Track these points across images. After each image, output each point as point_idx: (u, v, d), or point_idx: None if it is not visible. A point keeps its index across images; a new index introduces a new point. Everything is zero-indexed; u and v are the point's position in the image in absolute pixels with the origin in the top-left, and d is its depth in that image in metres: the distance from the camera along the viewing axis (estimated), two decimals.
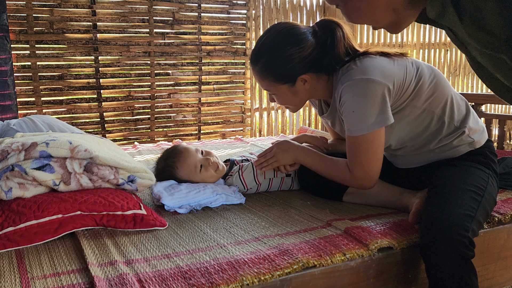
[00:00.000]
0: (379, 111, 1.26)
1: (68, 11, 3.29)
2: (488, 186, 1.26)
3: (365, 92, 1.25)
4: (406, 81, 1.30)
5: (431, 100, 1.34)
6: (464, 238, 1.08)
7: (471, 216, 1.14)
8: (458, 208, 1.14)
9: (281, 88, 1.39)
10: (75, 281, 0.94)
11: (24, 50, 3.19)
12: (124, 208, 1.21)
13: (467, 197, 1.19)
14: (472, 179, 1.26)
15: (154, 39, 3.59)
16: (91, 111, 3.50)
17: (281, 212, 1.38)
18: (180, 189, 1.45)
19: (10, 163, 1.17)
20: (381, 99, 1.25)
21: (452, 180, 1.27)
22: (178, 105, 3.81)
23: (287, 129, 4.37)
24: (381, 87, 1.25)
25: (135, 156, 2.28)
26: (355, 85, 1.26)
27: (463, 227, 1.09)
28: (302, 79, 1.36)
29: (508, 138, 4.62)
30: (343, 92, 1.29)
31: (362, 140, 1.29)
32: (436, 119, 1.36)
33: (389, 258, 1.14)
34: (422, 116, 1.35)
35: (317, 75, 1.38)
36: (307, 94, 1.43)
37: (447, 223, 1.10)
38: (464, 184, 1.24)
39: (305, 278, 1.02)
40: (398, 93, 1.30)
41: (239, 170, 1.56)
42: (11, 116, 2.89)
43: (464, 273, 1.07)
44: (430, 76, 1.34)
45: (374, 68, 1.27)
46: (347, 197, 1.46)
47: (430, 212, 1.17)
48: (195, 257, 1.05)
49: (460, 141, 1.36)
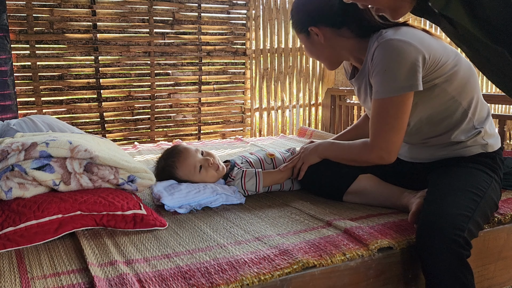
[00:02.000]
0: (410, 75, 1.23)
1: (68, 11, 3.29)
2: (490, 189, 1.25)
3: (400, 52, 1.23)
4: (443, 60, 1.28)
5: (461, 90, 1.31)
6: (459, 238, 1.07)
7: (467, 217, 1.13)
8: (455, 208, 1.14)
9: (301, 37, 1.46)
10: (75, 281, 0.94)
11: (24, 50, 3.20)
12: (124, 208, 1.21)
13: (465, 198, 1.18)
14: (474, 181, 1.25)
15: (154, 39, 3.59)
16: (91, 111, 3.50)
17: (281, 212, 1.38)
18: (180, 189, 1.45)
19: (10, 163, 1.17)
20: (414, 63, 1.23)
21: (452, 180, 1.27)
22: (178, 105, 3.82)
23: (287, 129, 4.37)
24: (417, 52, 1.23)
25: (135, 156, 2.28)
26: (391, 45, 1.24)
27: (459, 227, 1.09)
28: (313, 31, 1.39)
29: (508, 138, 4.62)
30: (377, 51, 1.27)
31: (389, 103, 1.26)
32: (460, 111, 1.33)
33: (389, 258, 1.14)
34: (448, 103, 1.33)
35: (335, 31, 1.38)
36: (326, 50, 1.43)
37: (443, 222, 1.09)
38: (464, 185, 1.23)
39: (305, 278, 1.02)
40: (432, 67, 1.27)
41: (241, 178, 1.55)
42: (11, 116, 2.89)
43: (460, 272, 1.07)
44: (466, 66, 1.33)
45: (413, 35, 1.26)
46: (347, 197, 1.46)
47: (427, 211, 1.17)
48: (195, 257, 1.05)
49: (474, 141, 1.35)
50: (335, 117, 3.87)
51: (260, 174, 1.54)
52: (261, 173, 1.55)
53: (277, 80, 4.23)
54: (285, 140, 2.85)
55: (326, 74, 4.42)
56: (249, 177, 1.54)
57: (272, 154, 1.68)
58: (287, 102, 4.33)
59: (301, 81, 4.37)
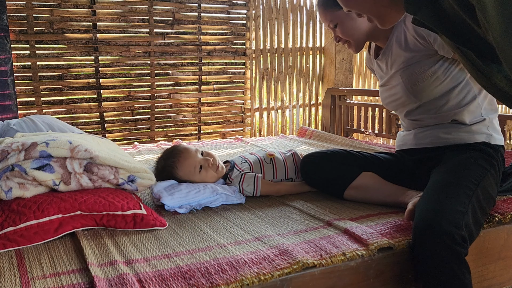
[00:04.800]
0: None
1: (68, 11, 3.29)
2: (484, 182, 1.25)
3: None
4: None
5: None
6: (455, 234, 1.07)
7: (462, 212, 1.12)
8: (450, 204, 1.13)
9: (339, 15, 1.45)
10: (75, 281, 0.94)
11: (24, 50, 3.19)
12: (124, 208, 1.21)
13: (459, 192, 1.18)
14: (466, 174, 1.26)
15: (154, 39, 3.59)
16: (91, 111, 3.50)
17: (281, 212, 1.38)
18: (180, 189, 1.45)
19: (10, 163, 1.17)
20: None
21: (446, 176, 1.27)
22: (178, 105, 3.81)
23: (287, 129, 4.37)
24: None
25: (135, 156, 2.28)
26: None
27: (454, 223, 1.08)
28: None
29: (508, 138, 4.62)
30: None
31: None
32: (471, 94, 1.42)
33: (389, 258, 1.14)
34: (463, 84, 1.41)
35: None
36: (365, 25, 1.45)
37: (438, 218, 1.09)
38: (457, 179, 1.24)
39: (305, 278, 1.02)
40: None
41: (240, 182, 1.55)
42: (11, 116, 2.89)
43: (458, 269, 1.07)
44: None
45: None
46: (349, 192, 1.46)
47: (421, 208, 1.16)
48: (195, 257, 1.05)
49: (479, 129, 1.42)
50: (335, 117, 3.86)
51: (259, 181, 1.54)
52: (259, 180, 1.54)
53: (277, 80, 4.23)
54: (285, 140, 2.85)
55: (326, 74, 4.42)
56: (247, 182, 1.54)
57: (272, 154, 1.68)
58: (287, 102, 4.33)
59: (301, 81, 4.37)
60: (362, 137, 3.82)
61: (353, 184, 1.45)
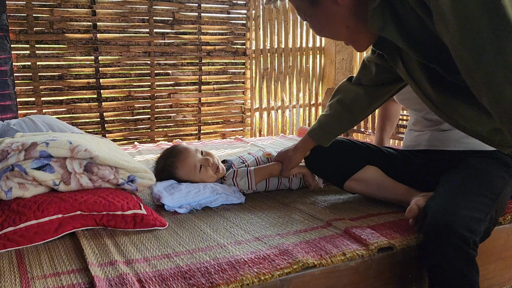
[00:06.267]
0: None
1: (68, 11, 3.29)
2: (503, 193, 1.25)
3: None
4: None
5: None
6: (470, 239, 1.07)
7: (480, 219, 1.12)
8: (468, 210, 1.12)
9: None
10: (75, 281, 0.94)
11: (24, 50, 3.20)
12: (124, 208, 1.21)
13: (479, 200, 1.17)
14: (488, 184, 1.24)
15: (154, 39, 3.59)
16: (91, 111, 3.50)
17: (281, 212, 1.38)
18: (180, 188, 1.45)
19: (10, 163, 1.17)
20: None
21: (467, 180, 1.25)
22: (178, 105, 3.82)
23: (287, 129, 4.37)
24: None
25: (135, 156, 2.29)
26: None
27: (471, 229, 1.08)
28: None
29: None
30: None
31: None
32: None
33: (389, 258, 1.14)
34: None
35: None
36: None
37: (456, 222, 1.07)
38: (478, 187, 1.22)
39: (305, 278, 1.02)
40: None
41: (233, 177, 1.55)
42: (11, 116, 2.89)
43: (468, 271, 1.07)
44: None
45: None
46: (350, 183, 1.46)
47: (438, 208, 1.14)
48: (195, 257, 1.05)
49: None
50: None
51: (252, 173, 1.54)
52: (252, 172, 1.54)
53: (277, 80, 4.23)
54: (285, 140, 2.85)
55: (326, 74, 4.42)
56: (240, 176, 1.54)
57: (269, 153, 1.69)
58: (287, 102, 4.33)
59: (301, 81, 4.37)
60: (362, 137, 3.82)
61: (355, 176, 1.44)
